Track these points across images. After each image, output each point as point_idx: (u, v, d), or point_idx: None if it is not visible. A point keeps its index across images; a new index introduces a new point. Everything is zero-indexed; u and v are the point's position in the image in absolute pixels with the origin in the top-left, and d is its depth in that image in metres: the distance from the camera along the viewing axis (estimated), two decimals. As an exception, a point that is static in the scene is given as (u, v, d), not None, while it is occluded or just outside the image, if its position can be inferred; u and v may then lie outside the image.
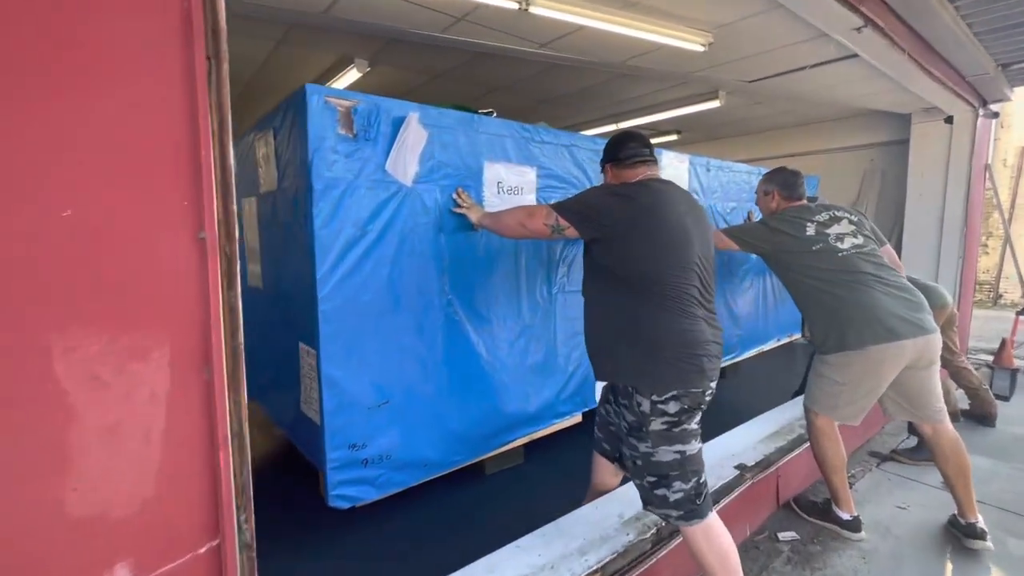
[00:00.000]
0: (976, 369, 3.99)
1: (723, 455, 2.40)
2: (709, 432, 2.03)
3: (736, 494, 2.15)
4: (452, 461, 2.39)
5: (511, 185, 2.46)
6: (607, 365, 1.65)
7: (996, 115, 4.90)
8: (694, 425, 1.56)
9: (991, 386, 3.82)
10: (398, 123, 2.05)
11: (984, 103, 4.67)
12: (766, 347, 4.53)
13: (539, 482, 2.66)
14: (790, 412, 2.97)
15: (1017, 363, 4.11)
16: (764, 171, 2.59)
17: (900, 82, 3.93)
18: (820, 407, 2.20)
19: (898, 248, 5.45)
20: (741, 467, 2.27)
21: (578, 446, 3.00)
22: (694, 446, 1.55)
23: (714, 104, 5.28)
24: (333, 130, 1.90)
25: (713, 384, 1.57)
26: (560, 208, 1.70)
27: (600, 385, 1.84)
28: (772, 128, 6.80)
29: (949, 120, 4.80)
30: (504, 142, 2.42)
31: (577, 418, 3.01)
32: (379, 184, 2.03)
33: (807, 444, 2.48)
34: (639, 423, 1.55)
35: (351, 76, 4.37)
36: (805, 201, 2.42)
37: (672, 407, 1.50)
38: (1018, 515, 2.38)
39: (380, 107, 2.00)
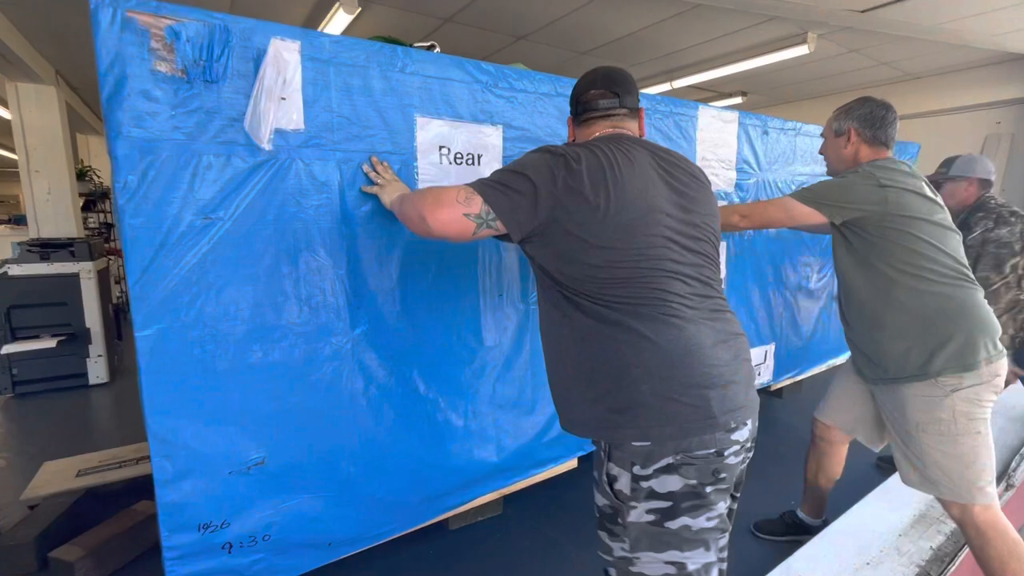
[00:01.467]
0: None
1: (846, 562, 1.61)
2: (759, 488, 1.24)
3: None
4: (375, 534, 1.75)
5: (463, 151, 1.72)
6: (562, 411, 1.08)
7: None
8: (705, 522, 0.88)
9: None
10: (264, 56, 1.36)
11: None
12: (839, 360, 3.57)
13: (520, 541, 1.99)
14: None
15: None
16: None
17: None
18: (974, 493, 1.34)
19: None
20: None
21: (577, 482, 2.32)
22: (701, 558, 0.88)
23: (800, 51, 4.30)
24: (146, 65, 1.23)
25: (740, 435, 0.90)
26: (482, 187, 1.02)
27: None
28: (860, 86, 5.54)
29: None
30: (450, 89, 1.66)
31: (571, 463, 2.29)
32: (235, 149, 1.36)
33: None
34: (613, 510, 0.92)
35: (340, 20, 3.69)
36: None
37: (666, 483, 0.88)
38: None
39: (230, 30, 1.30)
